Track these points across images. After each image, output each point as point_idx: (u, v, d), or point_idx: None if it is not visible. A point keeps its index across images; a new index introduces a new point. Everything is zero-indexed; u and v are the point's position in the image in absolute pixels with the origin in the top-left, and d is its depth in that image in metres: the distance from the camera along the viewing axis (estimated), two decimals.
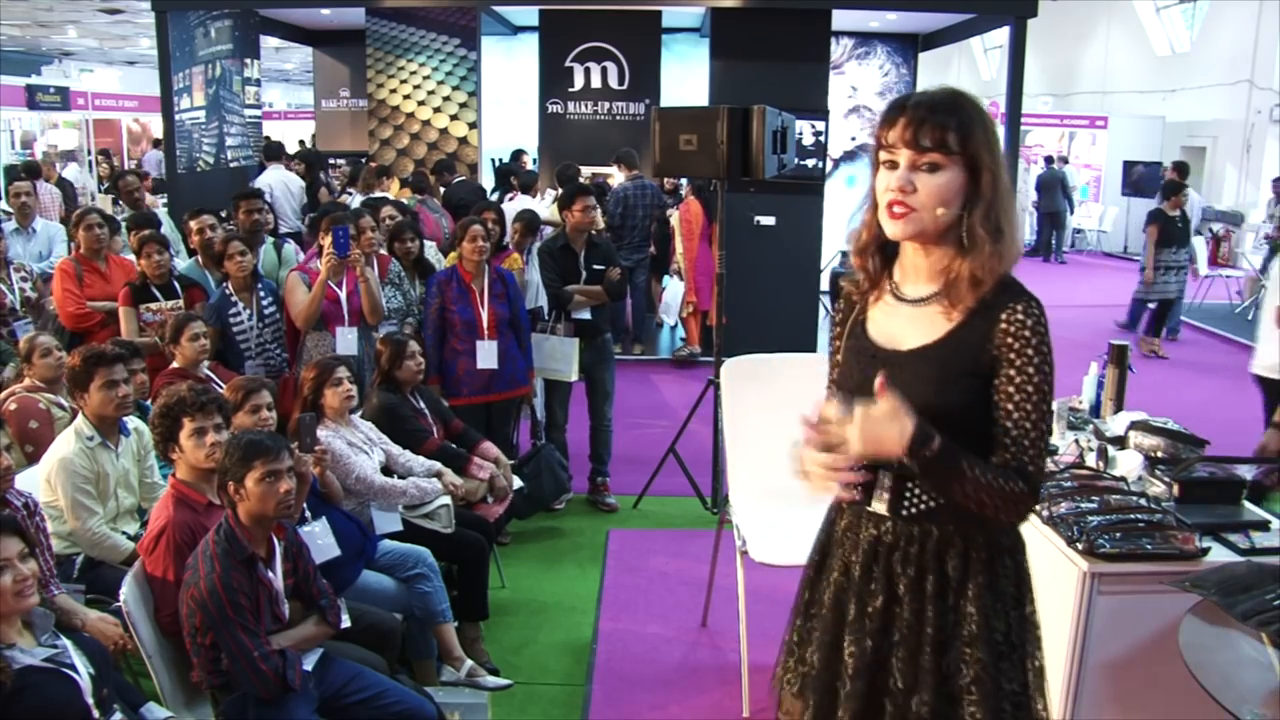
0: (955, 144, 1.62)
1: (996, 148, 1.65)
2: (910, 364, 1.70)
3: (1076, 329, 9.91)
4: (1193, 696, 1.87)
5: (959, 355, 1.67)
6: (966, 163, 1.63)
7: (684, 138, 4.70)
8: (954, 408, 1.66)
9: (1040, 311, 1.65)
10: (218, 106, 9.56)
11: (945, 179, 1.63)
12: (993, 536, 1.70)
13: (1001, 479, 1.61)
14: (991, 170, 1.64)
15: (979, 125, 1.64)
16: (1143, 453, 2.92)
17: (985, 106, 1.69)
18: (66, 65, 23.76)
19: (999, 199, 1.64)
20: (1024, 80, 7.94)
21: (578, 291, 5.00)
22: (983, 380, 1.66)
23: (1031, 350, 1.63)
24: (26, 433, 3.66)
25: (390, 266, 5.00)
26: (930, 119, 1.62)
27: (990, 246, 1.63)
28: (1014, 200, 1.68)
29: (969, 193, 1.64)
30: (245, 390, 3.24)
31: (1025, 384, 1.63)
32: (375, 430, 3.80)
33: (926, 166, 1.63)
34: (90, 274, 4.97)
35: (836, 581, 1.80)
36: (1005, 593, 1.70)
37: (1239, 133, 14.08)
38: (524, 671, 3.58)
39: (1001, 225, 1.64)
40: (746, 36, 8.01)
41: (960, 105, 1.65)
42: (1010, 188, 1.67)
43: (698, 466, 5.15)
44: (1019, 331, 1.63)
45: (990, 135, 1.65)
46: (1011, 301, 1.65)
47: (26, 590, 2.14)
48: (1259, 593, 2.05)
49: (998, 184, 1.64)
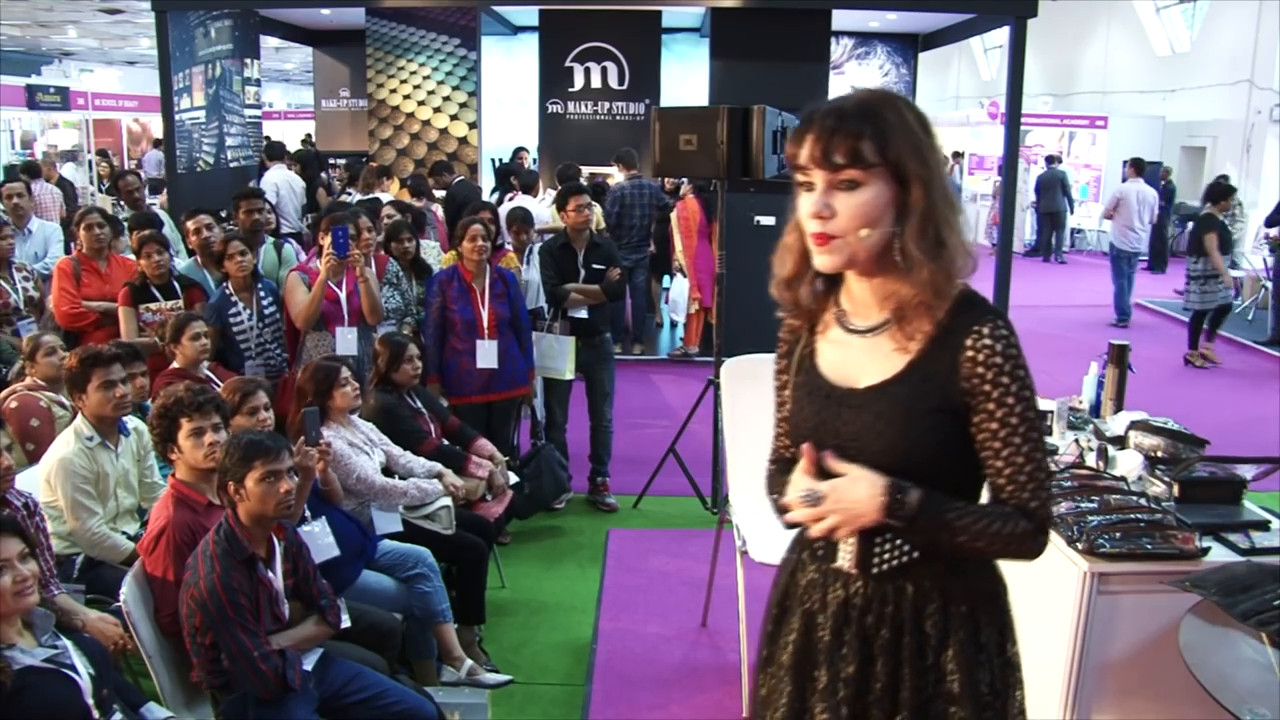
0: (873, 154, 1.42)
1: (928, 151, 1.45)
2: (870, 403, 1.53)
3: (1077, 329, 9.93)
4: (1193, 696, 1.87)
5: (923, 390, 1.49)
6: (892, 173, 1.43)
7: (684, 138, 4.70)
8: (925, 448, 1.50)
9: (1009, 330, 1.47)
10: (218, 106, 9.57)
11: (866, 196, 1.44)
12: (973, 586, 1.56)
13: (999, 521, 1.47)
14: (921, 178, 1.44)
15: (900, 128, 1.43)
16: (1143, 453, 2.92)
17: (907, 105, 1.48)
18: (66, 65, 23.77)
19: (934, 209, 1.44)
20: (1024, 80, 7.94)
21: (575, 290, 5.00)
22: (954, 415, 1.49)
23: (1007, 378, 1.46)
24: (28, 431, 3.66)
25: (388, 266, 5.01)
26: (840, 129, 1.43)
27: (930, 265, 1.44)
28: (955, 206, 1.48)
29: (900, 206, 1.45)
30: (242, 392, 3.24)
31: (1009, 416, 1.47)
32: (375, 431, 3.80)
33: (845, 185, 1.44)
34: (89, 274, 4.96)
35: (797, 642, 1.63)
36: (988, 642, 1.56)
37: (1239, 133, 14.09)
38: (524, 671, 3.58)
39: (942, 238, 1.45)
40: (746, 36, 8.03)
41: (875, 109, 1.44)
42: (949, 192, 1.47)
43: (698, 466, 5.15)
44: (989, 359, 1.46)
45: (917, 137, 1.45)
46: (975, 324, 1.47)
47: (26, 591, 2.14)
48: (1259, 593, 2.05)
49: (930, 192, 1.44)
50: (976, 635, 1.54)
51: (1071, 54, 18.51)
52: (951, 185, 1.52)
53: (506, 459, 4.33)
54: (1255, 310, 10.34)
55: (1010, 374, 1.46)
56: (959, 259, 1.47)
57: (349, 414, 3.67)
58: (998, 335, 1.46)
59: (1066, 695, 2.38)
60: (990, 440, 1.48)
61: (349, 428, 3.65)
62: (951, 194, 1.48)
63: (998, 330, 1.47)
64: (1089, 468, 2.84)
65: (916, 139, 1.44)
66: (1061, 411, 3.25)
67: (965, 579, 1.56)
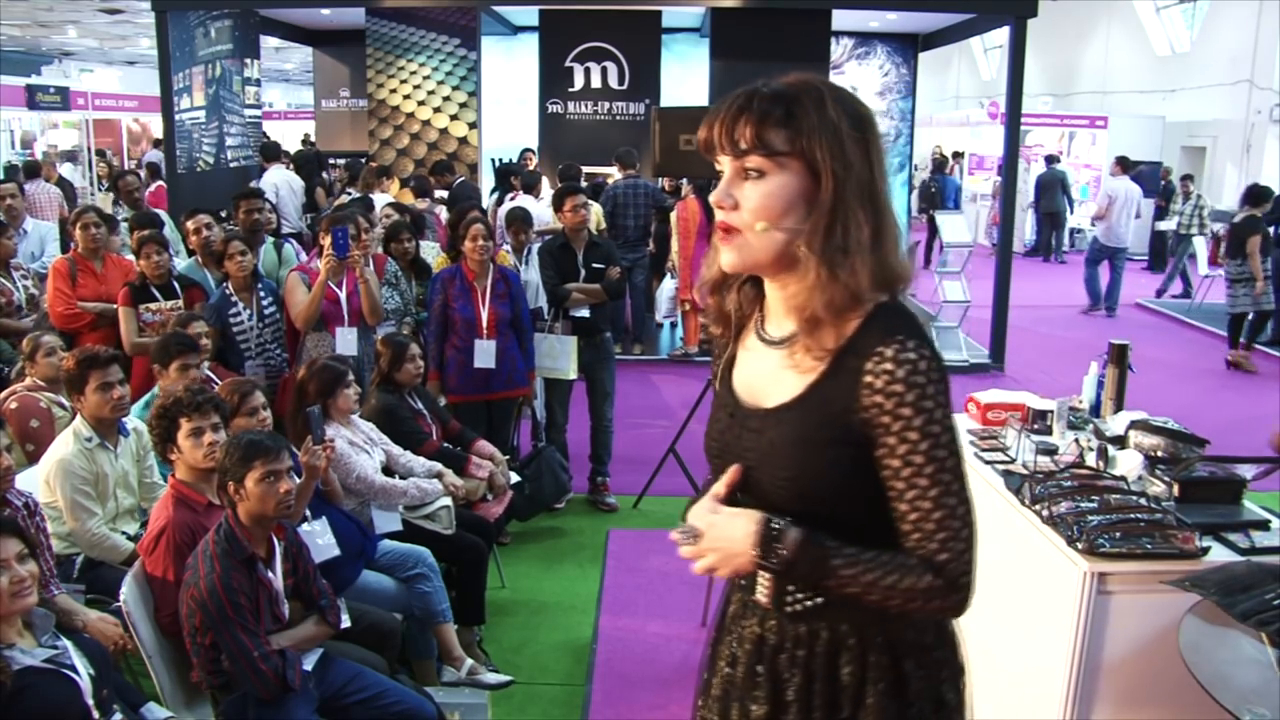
0: (781, 141, 1.27)
1: (851, 144, 1.28)
2: (769, 427, 1.36)
3: (1077, 328, 9.93)
4: (1193, 696, 1.87)
5: (821, 418, 1.30)
6: (805, 167, 1.28)
7: (684, 138, 4.71)
8: (824, 484, 1.32)
9: (919, 354, 1.25)
10: (218, 106, 9.57)
11: (770, 187, 1.29)
12: (898, 635, 1.36)
13: (898, 574, 1.27)
14: (834, 172, 1.26)
15: (818, 116, 1.27)
16: (1143, 452, 2.91)
17: (839, 94, 1.32)
18: (66, 65, 23.78)
19: (843, 210, 1.27)
20: (1024, 80, 7.95)
21: (575, 289, 5.01)
22: (857, 449, 1.29)
23: (909, 409, 1.25)
24: (28, 432, 3.67)
25: (386, 266, 5.01)
26: (748, 111, 1.28)
27: (823, 271, 1.26)
28: (881, 212, 1.30)
29: (810, 201, 1.29)
30: (240, 393, 3.24)
31: (911, 454, 1.26)
32: (375, 430, 3.80)
33: (751, 173, 1.30)
34: (85, 274, 4.95)
35: (723, 672, 1.50)
36: (919, 695, 1.37)
37: (1239, 133, 14.09)
38: (524, 671, 3.58)
39: (847, 244, 1.26)
40: (746, 36, 8.03)
41: (794, 94, 1.29)
42: (878, 197, 1.30)
43: (698, 466, 5.14)
44: (888, 386, 1.25)
45: (836, 128, 1.27)
46: (879, 345, 1.26)
47: (24, 591, 2.14)
48: (1259, 592, 2.05)
49: (842, 190, 1.27)
50: (902, 688, 1.36)
51: (1071, 54, 18.51)
52: (885, 191, 1.32)
53: (507, 459, 4.33)
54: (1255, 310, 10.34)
55: (913, 405, 1.25)
56: (864, 270, 1.27)
57: (349, 414, 3.67)
58: (902, 359, 1.25)
59: (1066, 695, 2.38)
60: (892, 480, 1.28)
61: (349, 427, 3.65)
62: (882, 200, 1.31)
63: (903, 353, 1.25)
64: (1089, 468, 2.84)
65: (835, 130, 1.27)
66: (1061, 411, 3.25)
67: (888, 627, 1.36)
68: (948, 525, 1.27)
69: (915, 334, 1.27)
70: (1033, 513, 2.56)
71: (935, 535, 1.27)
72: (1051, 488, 2.61)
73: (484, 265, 4.65)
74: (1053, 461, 2.92)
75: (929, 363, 1.26)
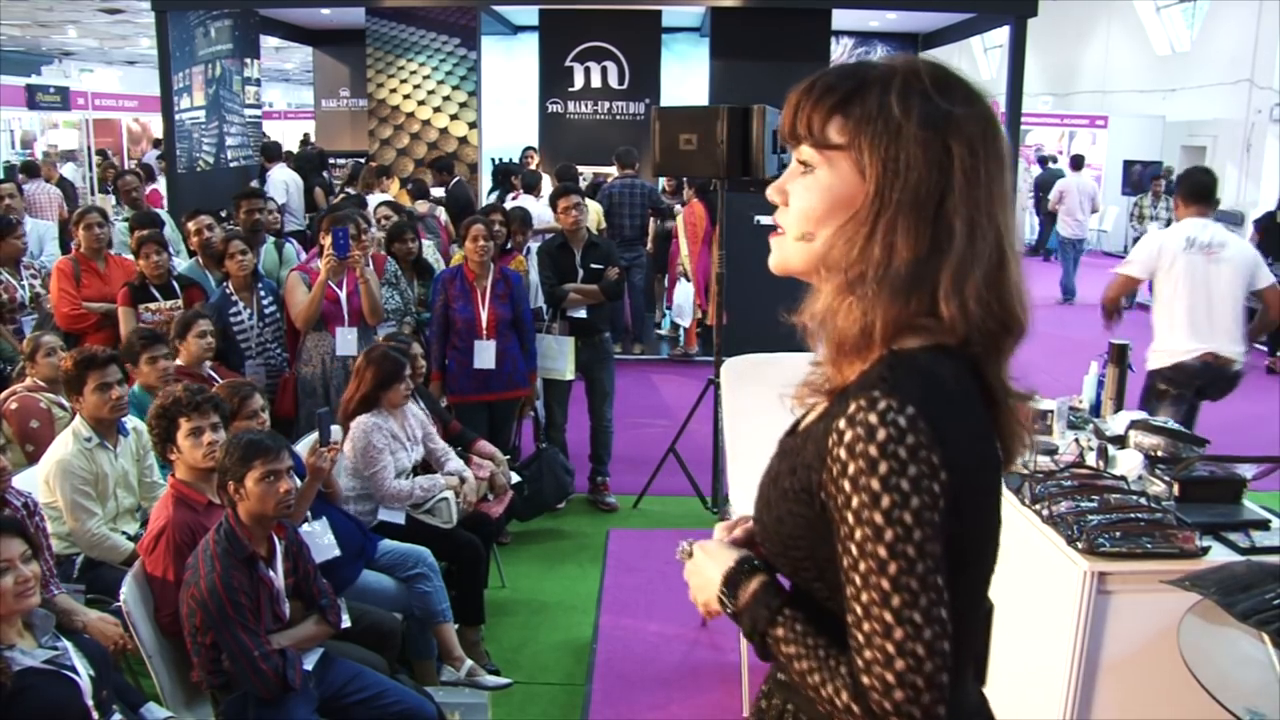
0: (837, 132, 1.08)
1: (910, 142, 1.05)
2: (773, 460, 1.19)
3: (1076, 328, 9.93)
4: (1193, 696, 1.87)
5: (792, 465, 1.11)
6: (857, 163, 1.08)
7: (684, 137, 4.70)
8: (776, 539, 1.13)
9: (888, 418, 0.99)
10: (218, 106, 9.57)
11: (813, 184, 1.10)
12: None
13: (826, 677, 1.04)
14: (877, 173, 1.05)
15: (877, 102, 1.06)
16: (1143, 452, 2.92)
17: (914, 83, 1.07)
18: (66, 65, 23.77)
19: (880, 223, 1.05)
20: (1024, 80, 7.94)
21: (573, 290, 5.01)
22: (815, 516, 1.07)
23: (848, 485, 1.00)
24: (27, 432, 3.67)
25: (386, 266, 5.01)
26: (810, 95, 1.09)
27: (834, 299, 1.08)
28: (940, 228, 1.05)
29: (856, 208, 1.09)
30: (239, 396, 3.24)
31: (848, 542, 1.01)
32: (428, 423, 3.87)
33: (805, 168, 1.12)
34: (88, 274, 4.95)
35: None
36: None
37: (1239, 132, 14.08)
38: (524, 671, 3.58)
39: (872, 267, 1.05)
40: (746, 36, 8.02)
41: (868, 73, 1.08)
42: (943, 208, 1.05)
43: (698, 466, 5.15)
44: (834, 450, 1.02)
45: (894, 119, 1.05)
46: (853, 396, 1.02)
47: (28, 591, 2.14)
48: (1259, 592, 2.05)
49: (882, 197, 1.05)
50: None
51: (1071, 54, 18.50)
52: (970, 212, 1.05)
53: (507, 459, 4.33)
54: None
55: (852, 481, 1.00)
56: (883, 305, 1.04)
57: (400, 406, 3.73)
58: (857, 421, 1.00)
59: (1066, 695, 2.38)
60: (842, 561, 1.03)
61: (399, 418, 3.72)
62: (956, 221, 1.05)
63: (863, 413, 1.00)
64: (1089, 467, 2.84)
65: (891, 122, 1.05)
66: (1061, 411, 3.25)
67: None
68: (875, 644, 0.99)
69: (901, 391, 1.00)
70: (1033, 512, 2.56)
71: (862, 651, 1.00)
72: (1051, 487, 2.61)
73: (485, 266, 4.66)
74: (1053, 461, 2.92)
75: (895, 433, 0.98)
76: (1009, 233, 1.08)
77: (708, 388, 5.00)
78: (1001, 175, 1.08)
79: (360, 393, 3.64)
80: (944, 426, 1.00)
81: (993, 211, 1.07)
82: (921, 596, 0.99)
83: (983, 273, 1.06)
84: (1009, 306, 1.08)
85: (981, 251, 1.06)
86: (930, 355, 1.06)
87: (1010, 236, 1.08)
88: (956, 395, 1.05)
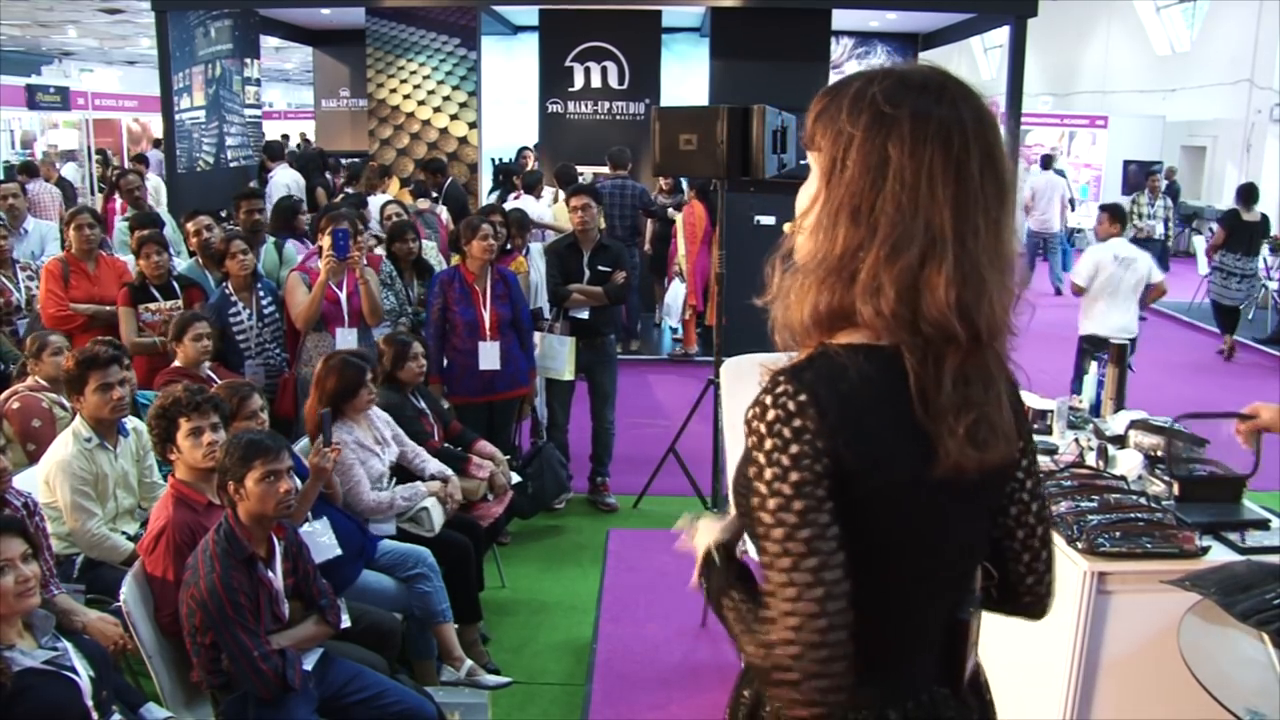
0: (818, 138, 1.14)
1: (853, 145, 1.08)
2: None
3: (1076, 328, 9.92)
4: (1193, 696, 1.87)
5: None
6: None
7: (684, 137, 4.69)
8: (740, 511, 1.17)
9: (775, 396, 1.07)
10: (218, 106, 9.57)
11: (806, 185, 1.17)
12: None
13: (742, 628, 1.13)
14: (822, 173, 1.11)
15: (834, 107, 1.11)
16: (1143, 452, 2.92)
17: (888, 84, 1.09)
18: (66, 65, 23.77)
19: (820, 220, 1.11)
20: (1024, 80, 7.95)
21: (576, 290, 5.01)
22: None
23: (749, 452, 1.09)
24: (29, 431, 3.66)
25: (381, 266, 5.01)
26: (812, 105, 1.16)
27: (776, 278, 1.14)
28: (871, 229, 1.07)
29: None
30: (238, 397, 3.24)
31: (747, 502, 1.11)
32: (392, 424, 3.80)
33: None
34: (77, 275, 4.88)
35: None
36: None
37: (1239, 132, 14.08)
38: (524, 671, 3.58)
39: (808, 260, 1.12)
40: (746, 36, 8.03)
41: (849, 85, 1.12)
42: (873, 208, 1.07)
43: (698, 466, 5.14)
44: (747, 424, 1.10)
45: (840, 122, 1.09)
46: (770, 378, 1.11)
47: (28, 591, 2.14)
48: (1259, 592, 2.05)
49: (825, 196, 1.11)
50: None
51: (1071, 54, 18.50)
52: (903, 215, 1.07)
53: (508, 458, 4.33)
54: (1255, 309, 10.35)
55: (747, 451, 1.08)
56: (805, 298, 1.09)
57: (364, 412, 3.67)
58: (758, 401, 1.08)
59: (1067, 695, 2.38)
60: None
61: (364, 425, 3.65)
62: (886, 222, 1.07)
63: (762, 395, 1.08)
64: (1089, 467, 2.84)
65: (838, 125, 1.09)
66: (1061, 411, 3.25)
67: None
68: (770, 602, 1.07)
69: (799, 380, 1.06)
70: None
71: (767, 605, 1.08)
72: (1051, 487, 2.61)
73: (485, 266, 4.65)
74: (1053, 461, 2.92)
75: (781, 414, 1.05)
76: (952, 238, 1.05)
77: (707, 388, 4.99)
78: (953, 179, 1.06)
79: (324, 403, 3.53)
80: (833, 418, 1.05)
81: (931, 216, 1.05)
82: (802, 561, 1.04)
83: (901, 274, 1.06)
84: (934, 312, 1.05)
85: (902, 251, 1.06)
86: (853, 352, 1.09)
87: (955, 241, 1.06)
88: (857, 393, 1.07)
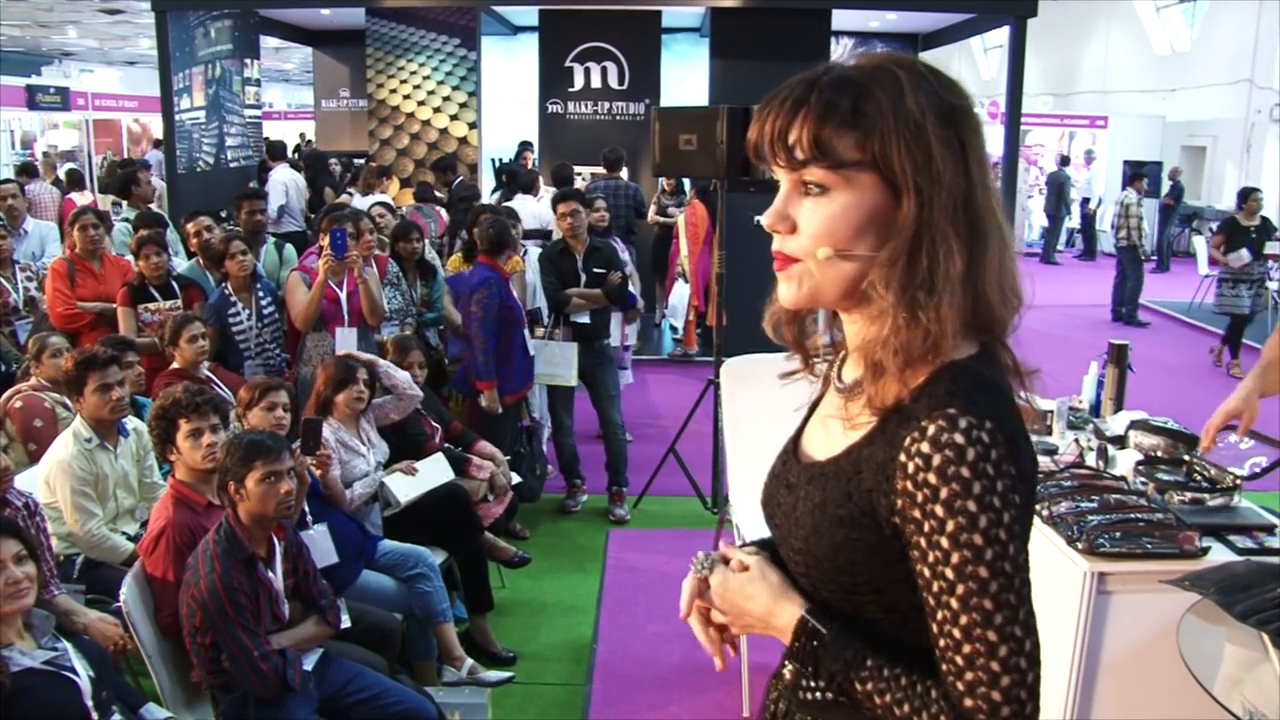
0: (850, 148, 1.00)
1: (938, 145, 0.99)
2: (802, 484, 1.13)
3: (1076, 328, 9.94)
4: (1193, 696, 1.87)
5: (844, 490, 1.05)
6: (882, 178, 1.01)
7: (684, 137, 4.70)
8: (830, 567, 1.07)
9: (973, 435, 0.96)
10: (218, 106, 9.57)
11: (835, 208, 1.02)
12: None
13: (917, 706, 1.01)
14: (917, 187, 0.99)
15: (896, 110, 0.99)
16: (1142, 452, 2.92)
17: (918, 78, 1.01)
18: (66, 65, 23.77)
19: (929, 235, 1.00)
20: (1024, 80, 7.94)
21: (576, 295, 4.99)
22: (881, 539, 1.03)
23: (941, 510, 0.97)
24: (31, 431, 3.67)
25: (388, 267, 5.00)
26: (805, 105, 1.01)
27: (901, 313, 1.00)
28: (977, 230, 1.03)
29: (888, 223, 1.02)
30: (264, 388, 3.24)
31: (940, 566, 0.98)
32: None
33: (813, 188, 1.03)
34: (83, 274, 4.92)
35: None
36: None
37: (1239, 132, 14.08)
38: (524, 672, 3.58)
39: (934, 280, 0.99)
40: (746, 36, 8.01)
41: (865, 79, 1.01)
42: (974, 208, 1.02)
43: (698, 466, 5.15)
44: (919, 475, 0.98)
45: (920, 125, 0.99)
46: (925, 417, 0.98)
47: (20, 593, 2.14)
48: (1258, 592, 2.05)
49: (928, 209, 0.99)
50: None
51: (1071, 54, 18.50)
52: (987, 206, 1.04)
53: (508, 458, 4.33)
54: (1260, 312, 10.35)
55: (946, 505, 0.96)
56: (951, 313, 1.00)
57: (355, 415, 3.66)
58: (943, 443, 0.96)
59: (1067, 695, 2.38)
60: (924, 591, 1.01)
61: (353, 426, 3.63)
62: (983, 219, 1.02)
63: (946, 433, 0.96)
64: (1089, 467, 2.84)
65: (918, 129, 0.99)
66: (1061, 411, 3.25)
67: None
68: (978, 665, 0.97)
69: (977, 407, 0.97)
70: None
71: (963, 674, 0.98)
72: (1051, 487, 2.61)
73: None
74: (1053, 461, 2.92)
75: (982, 450, 0.96)
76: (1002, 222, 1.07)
77: (708, 388, 4.99)
78: (986, 165, 1.08)
79: (319, 399, 3.56)
80: (1015, 435, 1.00)
81: (992, 202, 1.06)
82: (1020, 609, 0.98)
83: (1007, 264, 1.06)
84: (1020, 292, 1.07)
85: (1005, 243, 1.06)
86: (979, 363, 1.04)
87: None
88: (1013, 401, 1.05)
